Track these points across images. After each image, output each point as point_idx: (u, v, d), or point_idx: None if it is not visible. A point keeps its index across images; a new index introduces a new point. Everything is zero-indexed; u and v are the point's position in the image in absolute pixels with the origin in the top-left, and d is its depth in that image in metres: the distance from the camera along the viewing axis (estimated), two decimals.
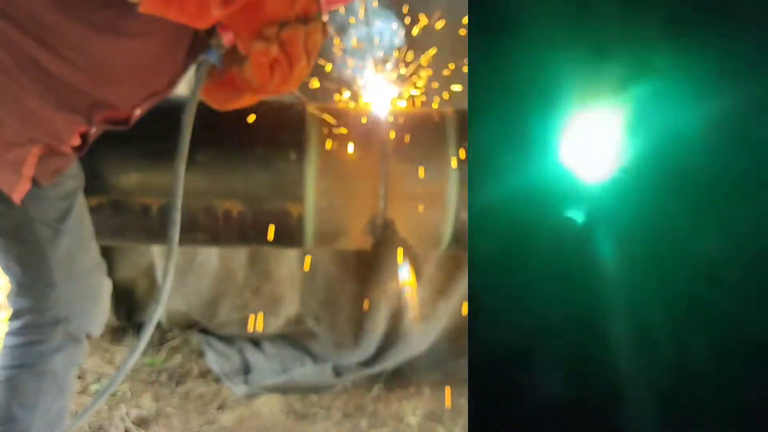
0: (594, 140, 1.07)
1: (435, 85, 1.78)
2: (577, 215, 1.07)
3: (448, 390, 2.08)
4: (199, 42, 1.27)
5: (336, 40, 1.68)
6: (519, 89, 1.08)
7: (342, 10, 1.66)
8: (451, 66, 1.80)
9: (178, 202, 1.28)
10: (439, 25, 1.84)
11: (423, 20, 1.83)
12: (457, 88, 1.79)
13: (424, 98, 1.73)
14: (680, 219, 1.04)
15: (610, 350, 1.05)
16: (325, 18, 1.21)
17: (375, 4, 1.73)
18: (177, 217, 1.28)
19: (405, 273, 1.86)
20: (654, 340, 1.05)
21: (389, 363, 2.25)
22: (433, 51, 1.80)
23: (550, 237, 1.07)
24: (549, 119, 1.07)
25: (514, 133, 1.08)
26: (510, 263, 1.07)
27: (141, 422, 2.03)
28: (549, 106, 1.07)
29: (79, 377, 2.10)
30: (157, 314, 1.31)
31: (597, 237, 1.06)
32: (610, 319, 1.05)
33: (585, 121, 1.07)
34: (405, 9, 1.83)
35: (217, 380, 2.23)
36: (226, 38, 1.20)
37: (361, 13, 1.70)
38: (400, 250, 1.60)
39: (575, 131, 1.07)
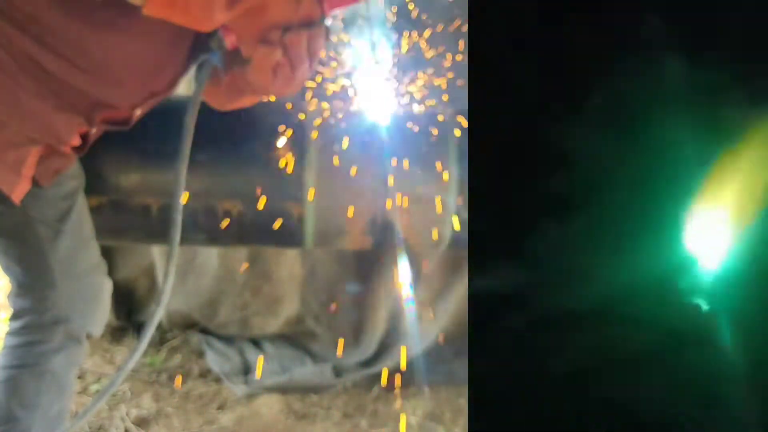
0: (712, 223, 1.05)
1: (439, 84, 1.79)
2: (701, 302, 1.05)
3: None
4: (200, 42, 1.27)
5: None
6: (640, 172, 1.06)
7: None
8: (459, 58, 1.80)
9: (180, 204, 1.28)
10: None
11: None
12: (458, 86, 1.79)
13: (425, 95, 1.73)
14: None
15: None
16: (328, 22, 1.21)
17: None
18: (178, 218, 1.28)
19: (405, 273, 1.86)
20: None
21: (389, 363, 2.25)
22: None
23: (672, 324, 1.05)
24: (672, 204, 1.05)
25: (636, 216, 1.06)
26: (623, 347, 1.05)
27: (141, 422, 2.03)
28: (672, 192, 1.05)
29: (79, 377, 2.10)
30: (158, 316, 1.31)
31: (719, 324, 1.04)
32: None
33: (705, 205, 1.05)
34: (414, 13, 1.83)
35: (217, 380, 2.23)
36: (229, 41, 1.20)
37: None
38: (400, 250, 1.60)
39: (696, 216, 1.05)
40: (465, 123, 1.57)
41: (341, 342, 2.21)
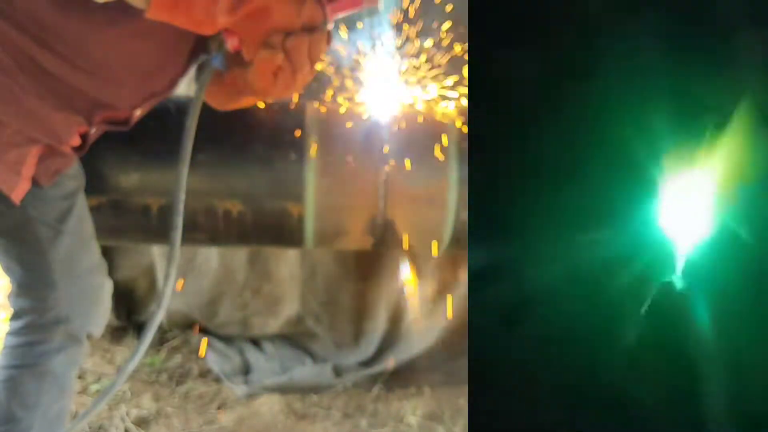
0: (687, 201, 1.05)
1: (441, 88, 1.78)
2: (676, 279, 1.05)
3: None
4: (200, 43, 1.27)
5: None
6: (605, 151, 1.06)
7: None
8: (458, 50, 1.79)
9: (181, 206, 1.28)
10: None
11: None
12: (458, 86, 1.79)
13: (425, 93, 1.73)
14: None
15: (708, 419, 1.03)
16: (330, 27, 1.21)
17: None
18: (179, 221, 1.28)
19: (405, 273, 1.86)
20: (753, 409, 1.02)
21: (389, 363, 2.25)
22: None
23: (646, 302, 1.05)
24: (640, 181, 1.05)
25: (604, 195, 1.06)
26: (606, 331, 1.06)
27: (141, 422, 2.03)
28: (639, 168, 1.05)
29: (79, 377, 2.10)
30: (159, 318, 1.31)
31: (694, 301, 1.04)
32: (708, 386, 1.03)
33: (677, 181, 1.05)
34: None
35: (217, 380, 2.23)
36: (231, 43, 1.20)
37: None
38: (400, 250, 1.61)
39: (668, 193, 1.06)
40: (465, 122, 1.57)
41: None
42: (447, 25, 1.84)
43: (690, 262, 1.06)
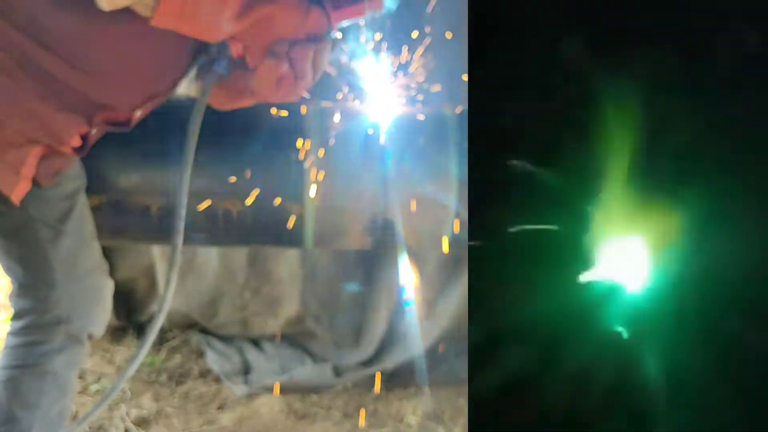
0: (635, 253, 1.06)
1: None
2: (623, 328, 1.05)
3: None
4: (201, 43, 1.27)
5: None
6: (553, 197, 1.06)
7: None
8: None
9: (183, 211, 1.27)
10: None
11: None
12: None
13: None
14: (725, 331, 1.02)
15: None
16: (334, 35, 1.21)
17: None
18: (181, 225, 1.28)
19: (405, 273, 1.86)
20: None
21: (389, 363, 2.25)
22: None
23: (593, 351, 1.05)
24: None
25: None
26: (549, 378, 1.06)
27: (141, 422, 2.03)
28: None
29: (79, 377, 2.09)
30: (160, 321, 1.31)
31: (641, 350, 1.04)
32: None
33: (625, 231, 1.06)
34: None
35: (217, 380, 2.23)
36: (235, 49, 1.20)
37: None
38: (400, 250, 1.61)
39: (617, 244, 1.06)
40: (465, 122, 1.57)
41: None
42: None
43: (637, 312, 1.06)
